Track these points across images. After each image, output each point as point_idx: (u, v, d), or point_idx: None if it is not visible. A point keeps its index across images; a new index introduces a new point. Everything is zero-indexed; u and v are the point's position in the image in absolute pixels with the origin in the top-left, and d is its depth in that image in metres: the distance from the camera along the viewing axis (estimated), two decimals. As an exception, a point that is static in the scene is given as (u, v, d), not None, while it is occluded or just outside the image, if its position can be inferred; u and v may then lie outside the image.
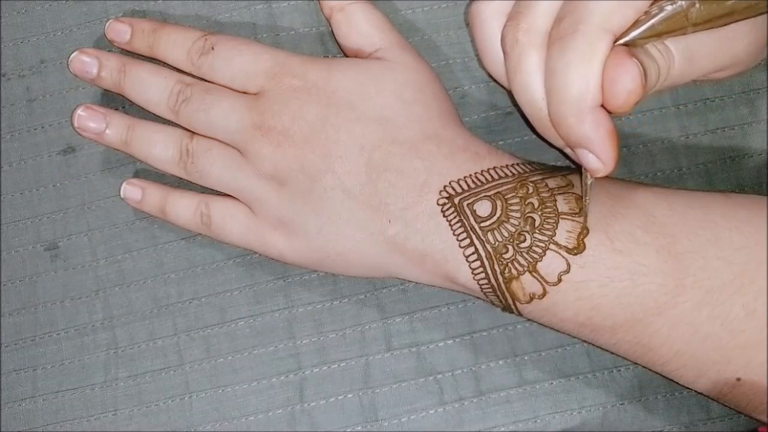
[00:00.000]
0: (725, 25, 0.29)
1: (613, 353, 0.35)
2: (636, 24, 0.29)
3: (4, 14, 0.41)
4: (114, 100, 0.40)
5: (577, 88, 0.29)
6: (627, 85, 0.28)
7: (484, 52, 0.33)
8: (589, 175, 0.32)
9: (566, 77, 0.29)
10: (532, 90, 0.31)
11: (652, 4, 0.28)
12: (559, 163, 0.39)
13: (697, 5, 0.28)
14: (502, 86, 0.34)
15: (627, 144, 0.39)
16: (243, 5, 0.40)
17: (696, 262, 0.32)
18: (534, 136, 0.39)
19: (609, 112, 0.30)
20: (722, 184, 0.38)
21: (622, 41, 0.29)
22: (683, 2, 0.28)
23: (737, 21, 0.29)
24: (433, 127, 0.35)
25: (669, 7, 0.28)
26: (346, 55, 0.39)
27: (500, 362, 0.38)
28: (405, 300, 0.39)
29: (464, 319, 0.38)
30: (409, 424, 0.38)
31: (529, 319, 0.35)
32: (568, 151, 0.33)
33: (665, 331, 0.33)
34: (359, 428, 0.38)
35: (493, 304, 0.35)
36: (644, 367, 0.35)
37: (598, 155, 0.30)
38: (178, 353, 0.39)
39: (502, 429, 0.38)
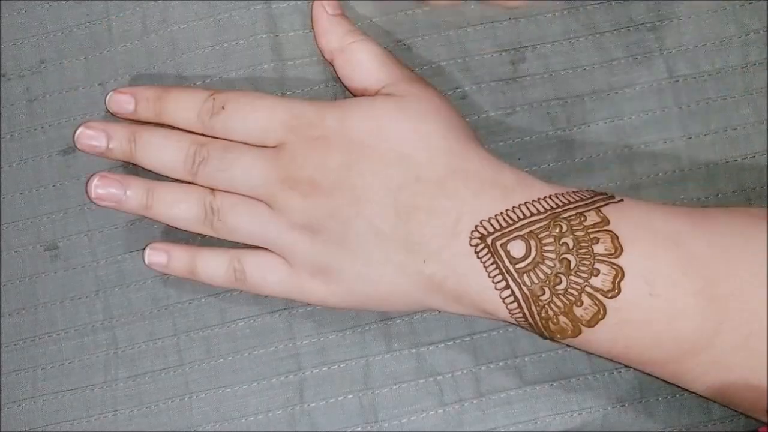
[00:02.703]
0: None
1: None
2: None
3: (4, 14, 0.41)
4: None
5: None
6: None
7: None
8: None
9: None
10: None
11: None
12: (559, 164, 0.39)
13: None
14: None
15: (629, 144, 0.39)
16: (242, 5, 0.40)
17: (735, 304, 0.32)
18: (534, 137, 0.39)
19: None
20: (724, 185, 0.38)
21: None
22: None
23: None
24: (456, 160, 0.35)
25: None
26: (354, 95, 0.38)
27: (500, 364, 0.38)
28: (405, 301, 0.39)
29: (464, 320, 0.38)
30: (409, 425, 0.38)
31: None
32: None
33: (699, 370, 0.33)
34: (359, 429, 0.38)
35: (529, 330, 0.35)
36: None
37: None
38: (178, 353, 0.39)
39: (502, 430, 0.38)
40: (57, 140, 0.41)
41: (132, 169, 0.40)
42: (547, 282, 0.33)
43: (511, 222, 0.34)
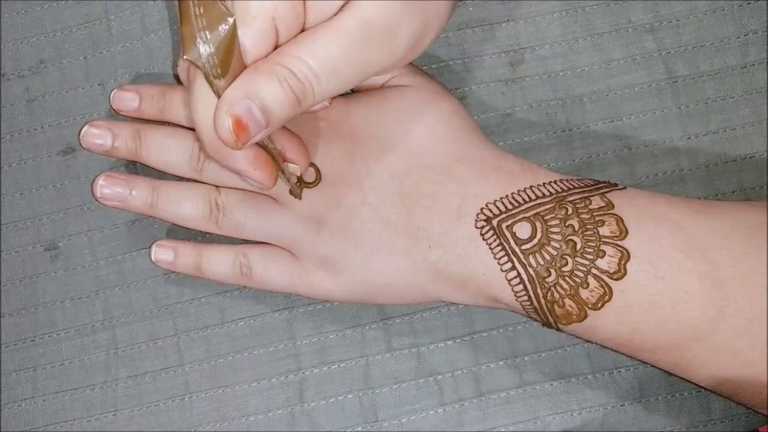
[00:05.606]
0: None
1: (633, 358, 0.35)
2: None
3: (4, 14, 0.41)
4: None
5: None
6: None
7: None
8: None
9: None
10: None
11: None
12: (559, 164, 0.39)
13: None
14: None
15: (628, 145, 0.39)
16: (243, 5, 0.40)
17: (738, 289, 0.32)
18: (534, 137, 0.39)
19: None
20: (724, 186, 0.38)
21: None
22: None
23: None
24: (460, 147, 0.35)
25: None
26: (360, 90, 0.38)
27: (500, 363, 0.38)
28: (405, 300, 0.39)
29: (464, 319, 0.38)
30: (409, 424, 0.38)
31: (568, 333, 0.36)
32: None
33: (704, 356, 0.33)
34: (359, 429, 0.38)
35: (533, 319, 0.35)
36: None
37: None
38: (178, 353, 0.39)
39: (502, 430, 0.38)
40: (57, 140, 0.41)
41: (132, 168, 0.40)
42: (553, 263, 0.33)
43: (516, 204, 0.34)
